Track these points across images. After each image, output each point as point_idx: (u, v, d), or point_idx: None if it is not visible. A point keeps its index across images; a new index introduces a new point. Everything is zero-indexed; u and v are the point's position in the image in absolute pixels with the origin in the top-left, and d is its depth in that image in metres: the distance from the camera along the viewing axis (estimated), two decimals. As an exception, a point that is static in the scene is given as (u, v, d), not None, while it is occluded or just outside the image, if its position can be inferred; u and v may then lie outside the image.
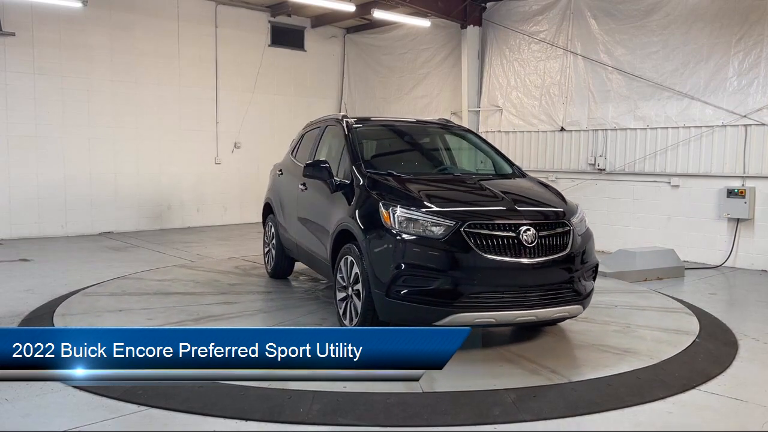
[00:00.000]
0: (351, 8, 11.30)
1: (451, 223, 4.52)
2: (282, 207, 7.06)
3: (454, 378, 4.27)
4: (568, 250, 4.74)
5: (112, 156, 11.50)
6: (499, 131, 11.76)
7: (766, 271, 8.68)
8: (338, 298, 5.16)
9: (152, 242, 10.41)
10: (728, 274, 8.60)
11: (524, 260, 4.54)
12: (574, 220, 4.95)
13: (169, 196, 12.25)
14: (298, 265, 7.34)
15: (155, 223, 12.11)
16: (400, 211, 4.62)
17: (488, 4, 11.84)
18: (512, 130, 11.59)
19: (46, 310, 5.81)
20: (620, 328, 5.62)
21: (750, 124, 8.74)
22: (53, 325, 5.31)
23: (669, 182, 9.57)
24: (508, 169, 6.10)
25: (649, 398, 4.07)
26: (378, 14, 11.43)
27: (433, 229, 4.54)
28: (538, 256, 4.59)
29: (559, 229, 4.78)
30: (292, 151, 7.33)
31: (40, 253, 9.18)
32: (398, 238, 4.54)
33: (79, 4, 10.19)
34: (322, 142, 6.54)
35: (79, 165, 11.13)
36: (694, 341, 5.21)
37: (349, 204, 5.15)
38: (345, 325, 5.03)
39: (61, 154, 10.94)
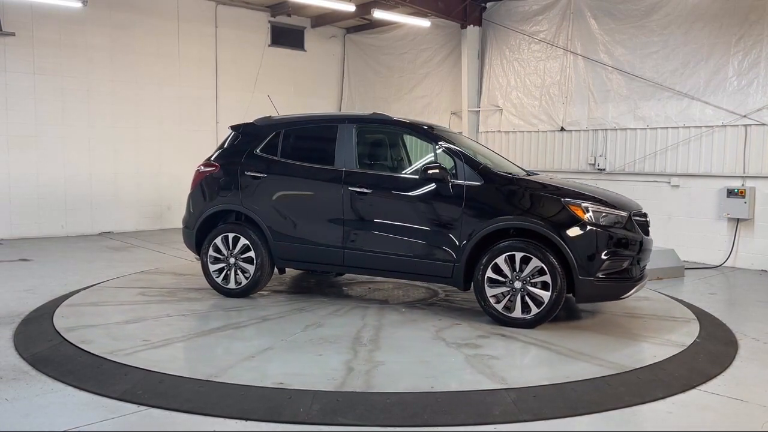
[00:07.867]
0: (351, 8, 11.30)
1: (625, 213, 5.50)
2: (287, 213, 6.29)
3: (453, 378, 4.28)
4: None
5: (112, 156, 11.51)
6: (499, 131, 11.77)
7: (766, 271, 8.69)
8: (490, 294, 5.54)
9: (152, 242, 10.41)
10: (728, 274, 8.60)
11: (649, 238, 5.77)
12: None
13: (169, 196, 12.24)
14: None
15: (155, 223, 12.11)
16: (593, 207, 5.39)
17: (488, 4, 11.84)
18: (512, 130, 11.60)
19: (46, 310, 5.80)
20: (620, 328, 5.62)
21: (750, 124, 8.74)
22: (54, 325, 5.28)
23: (669, 182, 9.57)
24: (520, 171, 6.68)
25: (649, 398, 4.07)
26: (378, 14, 11.43)
27: (616, 218, 5.43)
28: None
29: None
30: (266, 150, 6.49)
31: (40, 253, 9.18)
32: (597, 230, 5.32)
33: (79, 4, 10.19)
34: (356, 143, 6.16)
35: (79, 165, 11.14)
36: (694, 341, 5.21)
37: (498, 205, 5.55)
38: (511, 317, 5.46)
39: (61, 154, 10.95)
